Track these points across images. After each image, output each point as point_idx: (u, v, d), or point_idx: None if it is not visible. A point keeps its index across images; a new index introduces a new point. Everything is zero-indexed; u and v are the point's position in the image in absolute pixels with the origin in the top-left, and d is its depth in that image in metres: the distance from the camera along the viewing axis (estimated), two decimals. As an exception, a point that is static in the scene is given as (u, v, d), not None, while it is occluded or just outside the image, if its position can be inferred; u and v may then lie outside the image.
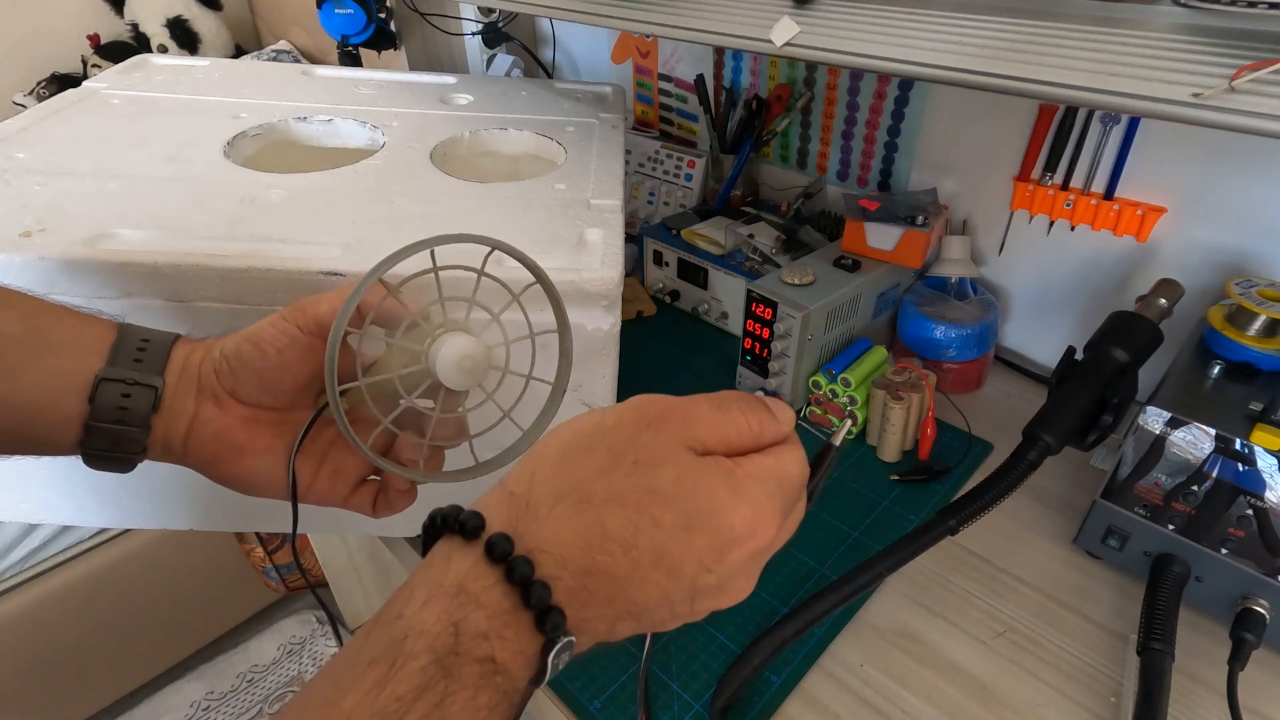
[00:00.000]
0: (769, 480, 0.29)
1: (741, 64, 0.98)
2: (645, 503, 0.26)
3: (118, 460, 0.36)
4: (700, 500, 0.27)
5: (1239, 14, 0.32)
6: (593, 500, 0.26)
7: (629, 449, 0.27)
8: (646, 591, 0.26)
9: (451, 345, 0.35)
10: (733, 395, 0.30)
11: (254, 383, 0.36)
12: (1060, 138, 0.73)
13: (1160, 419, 0.53)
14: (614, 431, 0.28)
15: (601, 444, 0.28)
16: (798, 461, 0.30)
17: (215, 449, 0.37)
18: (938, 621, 0.57)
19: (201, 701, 1.41)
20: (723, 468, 0.28)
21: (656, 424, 0.28)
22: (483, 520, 0.26)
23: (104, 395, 0.34)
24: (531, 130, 0.70)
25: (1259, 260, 0.66)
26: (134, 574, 1.30)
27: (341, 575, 1.48)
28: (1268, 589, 0.51)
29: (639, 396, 0.29)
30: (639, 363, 0.85)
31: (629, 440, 0.28)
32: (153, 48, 1.52)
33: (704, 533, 0.27)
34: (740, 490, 0.28)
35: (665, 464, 0.27)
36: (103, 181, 0.54)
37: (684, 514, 0.26)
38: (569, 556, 0.25)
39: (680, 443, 0.28)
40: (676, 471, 0.27)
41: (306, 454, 0.39)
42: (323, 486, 0.39)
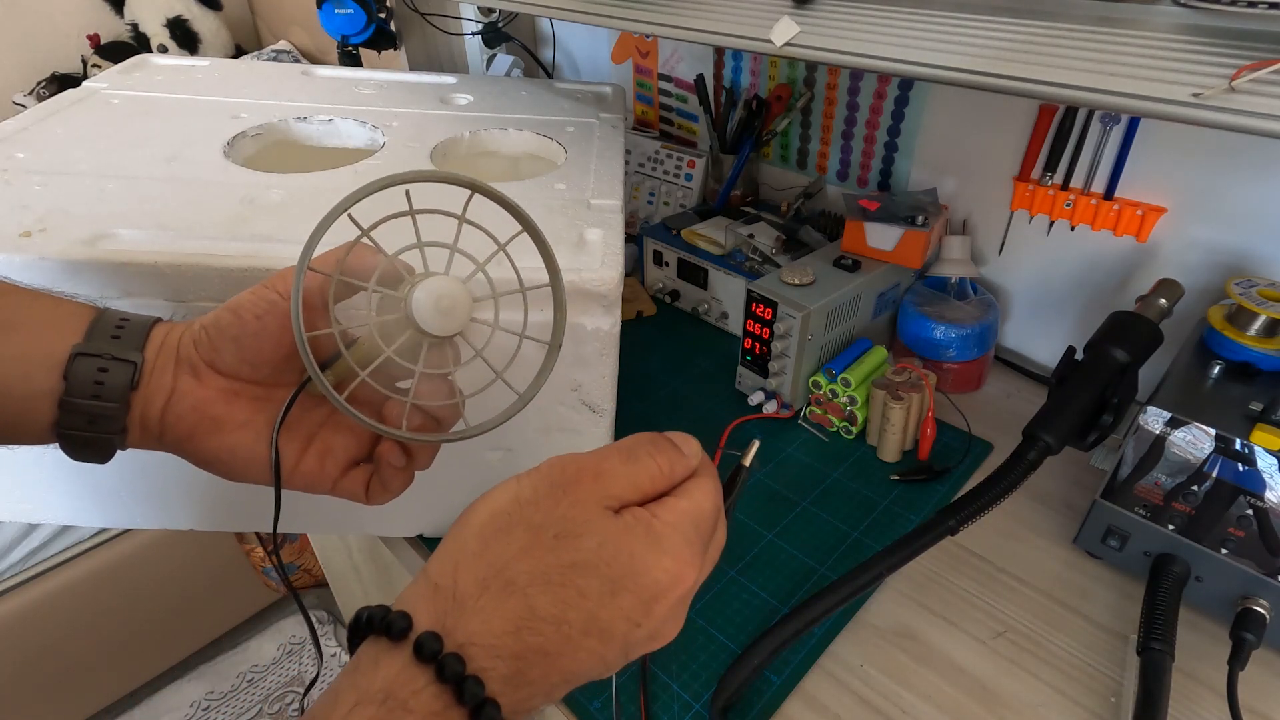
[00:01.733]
0: (685, 524, 0.29)
1: (741, 64, 0.98)
2: (570, 576, 0.27)
3: (95, 445, 0.34)
4: (623, 562, 0.27)
5: (1239, 14, 0.32)
6: (518, 583, 0.26)
7: (548, 523, 0.27)
8: (580, 659, 0.27)
9: (428, 285, 0.33)
10: (640, 440, 0.31)
11: (232, 351, 0.34)
12: (1060, 138, 0.73)
13: (1160, 419, 0.53)
14: (531, 505, 0.28)
15: (520, 521, 0.28)
16: (710, 495, 0.31)
17: (192, 423, 0.35)
18: (938, 621, 0.57)
19: (201, 701, 1.41)
20: (641, 523, 0.28)
21: (571, 489, 0.28)
22: (409, 620, 0.25)
23: (79, 370, 0.33)
24: (531, 130, 0.70)
25: (1259, 260, 0.66)
26: (134, 574, 1.30)
27: (341, 575, 1.48)
28: (1268, 589, 0.51)
29: (551, 461, 0.30)
30: (639, 363, 0.85)
31: (547, 513, 0.28)
32: (153, 48, 1.52)
33: (630, 593, 0.27)
34: (660, 543, 0.28)
35: (585, 533, 0.27)
36: (103, 181, 0.54)
37: (608, 579, 0.27)
38: (501, 644, 0.25)
39: (596, 505, 0.28)
40: (597, 539, 0.27)
41: (292, 433, 0.37)
42: (310, 468, 0.37)
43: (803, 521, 0.65)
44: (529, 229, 0.37)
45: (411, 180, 0.33)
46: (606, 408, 0.54)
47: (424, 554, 0.63)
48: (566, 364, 0.51)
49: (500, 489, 0.29)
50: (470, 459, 0.56)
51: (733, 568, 0.61)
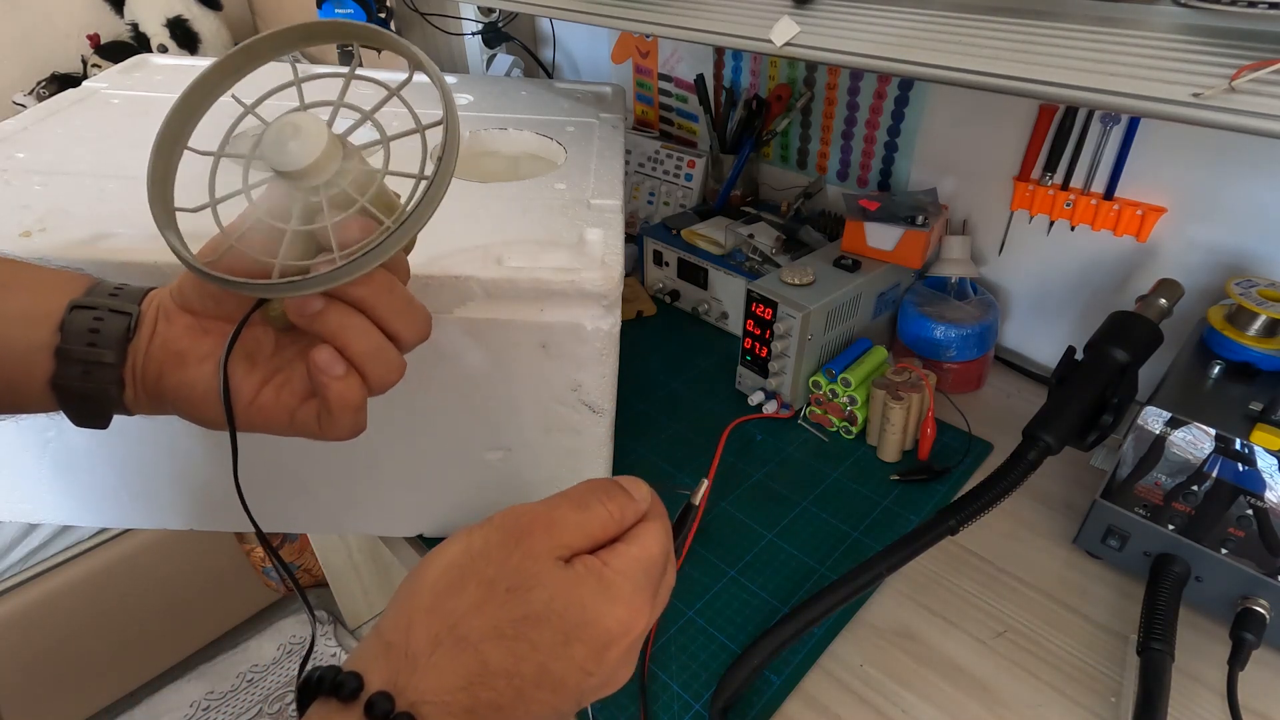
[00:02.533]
0: (636, 571, 0.30)
1: (741, 64, 0.98)
2: (522, 629, 0.27)
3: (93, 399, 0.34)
4: (574, 613, 0.28)
5: (1239, 14, 0.32)
6: (470, 638, 0.26)
7: (500, 576, 0.28)
8: (533, 711, 0.27)
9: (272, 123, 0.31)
10: (591, 488, 0.31)
11: (193, 288, 0.35)
12: (1060, 138, 0.73)
13: (1160, 419, 0.53)
14: (483, 558, 0.28)
15: (473, 576, 0.28)
16: (659, 539, 0.31)
17: (160, 360, 0.35)
18: (938, 621, 0.57)
19: (201, 701, 1.41)
20: (592, 573, 0.29)
21: (524, 541, 0.28)
22: (361, 680, 0.25)
23: (74, 320, 0.33)
24: (531, 130, 0.70)
25: (1259, 260, 0.66)
26: (134, 574, 1.30)
27: (341, 575, 1.49)
28: (1268, 589, 0.51)
29: (504, 512, 0.30)
30: (639, 363, 0.85)
31: (499, 565, 0.28)
32: (153, 48, 1.52)
33: (582, 642, 0.28)
34: (610, 590, 0.29)
35: (537, 585, 0.28)
36: (103, 181, 0.54)
37: (560, 631, 0.27)
38: (453, 700, 0.25)
39: (548, 556, 0.28)
40: (549, 592, 0.28)
41: (252, 366, 0.35)
42: (267, 400, 0.35)
43: (803, 521, 0.65)
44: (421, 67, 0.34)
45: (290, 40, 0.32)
46: (606, 408, 0.54)
47: (424, 554, 0.63)
48: (567, 364, 0.51)
49: (452, 541, 0.29)
50: (470, 459, 0.56)
51: (733, 568, 0.61)
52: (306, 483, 0.58)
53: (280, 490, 0.58)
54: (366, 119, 0.34)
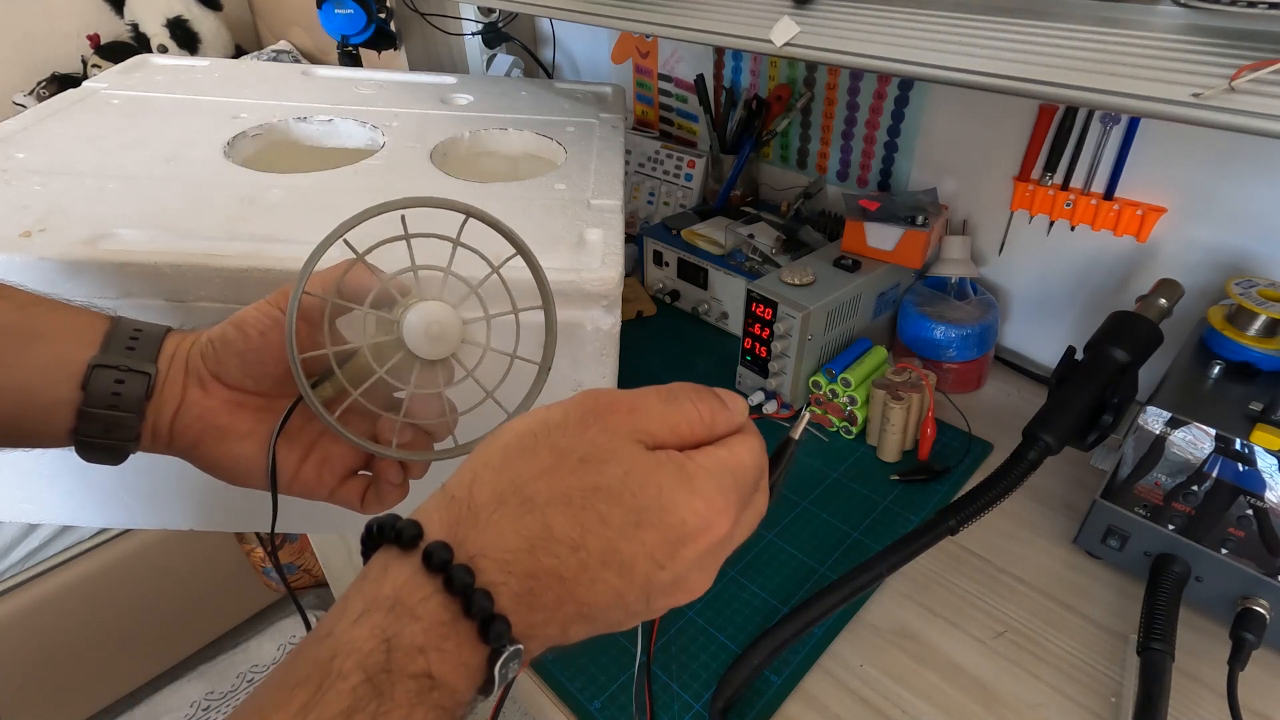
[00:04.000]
0: (723, 472, 0.28)
1: (741, 64, 0.98)
2: (592, 501, 0.25)
3: (110, 449, 0.36)
4: (650, 495, 0.26)
5: (1239, 14, 0.32)
6: (536, 501, 0.25)
7: (574, 446, 0.26)
8: (597, 592, 0.26)
9: (420, 310, 0.35)
10: (683, 386, 0.29)
11: (237, 365, 0.36)
12: (1060, 138, 0.73)
13: (1160, 419, 0.53)
14: (559, 429, 0.27)
15: (546, 442, 0.27)
16: (752, 451, 0.29)
17: (198, 431, 0.36)
18: (938, 621, 0.57)
19: (201, 701, 1.41)
20: (674, 461, 0.27)
21: (603, 417, 0.27)
22: (420, 528, 0.25)
23: (97, 381, 0.34)
24: (531, 130, 0.70)
25: (1259, 260, 0.66)
26: (134, 574, 1.30)
27: (341, 575, 1.48)
28: (1268, 589, 0.51)
29: (586, 391, 0.29)
30: (639, 363, 0.85)
31: (574, 437, 0.27)
32: (153, 48, 1.52)
33: (655, 528, 0.26)
34: (692, 483, 0.27)
35: (612, 460, 0.26)
36: (103, 181, 0.54)
37: (633, 510, 0.26)
38: (513, 560, 0.25)
39: (628, 436, 0.27)
40: (624, 467, 0.26)
41: (292, 442, 0.38)
42: (308, 476, 0.38)
43: (803, 521, 0.65)
44: (522, 253, 0.38)
45: (408, 206, 0.34)
46: (606, 408, 0.54)
47: (424, 554, 0.63)
48: (566, 364, 0.51)
49: (531, 414, 0.28)
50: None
51: (733, 568, 0.61)
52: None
53: (280, 490, 0.58)
54: (474, 292, 0.37)
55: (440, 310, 0.35)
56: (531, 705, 0.57)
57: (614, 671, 0.53)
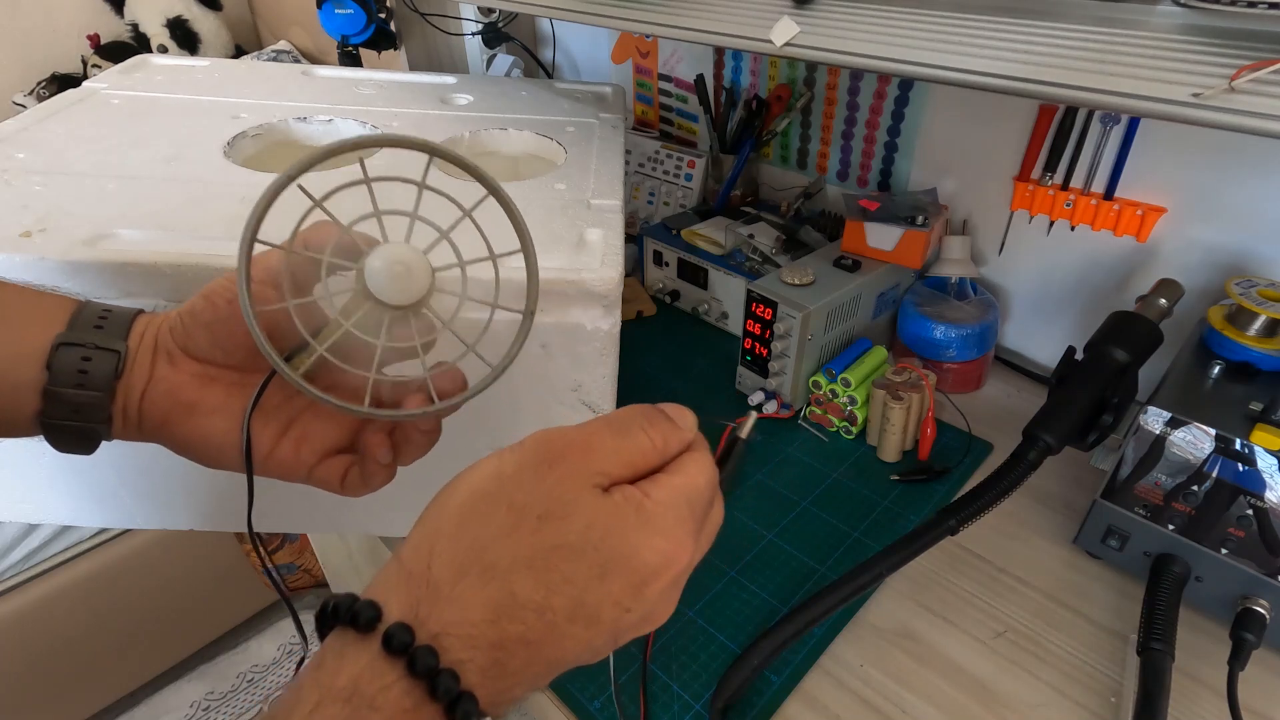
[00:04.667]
0: (679, 503, 0.28)
1: (741, 64, 0.98)
2: (555, 561, 0.25)
3: (80, 434, 0.34)
4: (612, 544, 0.26)
5: (1239, 14, 0.32)
6: (498, 568, 0.25)
7: (532, 501, 0.26)
8: (565, 647, 0.26)
9: (381, 252, 0.32)
10: (632, 413, 0.29)
11: (205, 337, 0.34)
12: (1060, 138, 0.73)
13: (1160, 419, 0.53)
14: (514, 482, 0.26)
15: (502, 500, 0.26)
16: (705, 470, 0.30)
17: (166, 408, 0.34)
18: (938, 621, 0.57)
19: (201, 701, 1.41)
20: (631, 503, 0.27)
21: (558, 464, 0.27)
22: (378, 609, 0.24)
23: (62, 359, 0.33)
24: (531, 130, 0.70)
25: (1259, 260, 0.66)
26: (134, 574, 1.30)
27: (341, 575, 1.48)
28: (1268, 589, 0.51)
29: (537, 434, 0.28)
30: (639, 363, 0.85)
31: (531, 490, 0.26)
32: (153, 48, 1.52)
33: (619, 576, 0.26)
34: (651, 523, 0.27)
35: (572, 513, 0.26)
36: (103, 181, 0.54)
37: (596, 563, 0.25)
38: (478, 634, 0.24)
39: (585, 482, 0.26)
40: (585, 520, 0.26)
41: (268, 418, 0.36)
42: (285, 454, 0.36)
43: (803, 521, 0.65)
44: (495, 193, 0.35)
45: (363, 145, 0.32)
46: (606, 408, 0.54)
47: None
48: (566, 364, 0.51)
49: (482, 464, 0.27)
50: (470, 459, 0.56)
51: (733, 568, 0.61)
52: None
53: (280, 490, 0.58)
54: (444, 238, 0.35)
55: (403, 250, 0.33)
56: (531, 705, 0.57)
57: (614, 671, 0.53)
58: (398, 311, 0.33)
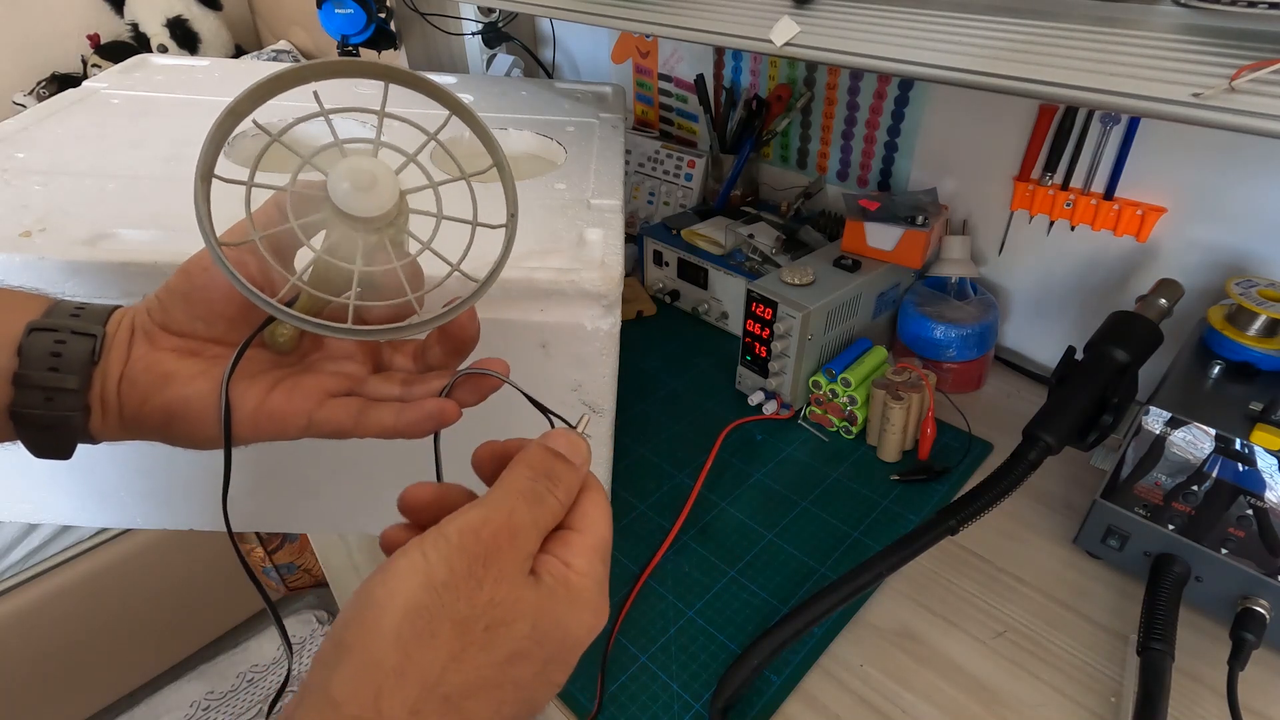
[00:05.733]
0: (597, 566, 0.27)
1: (741, 64, 0.98)
2: (507, 671, 0.24)
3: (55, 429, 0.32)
4: (552, 635, 0.26)
5: (1239, 14, 0.32)
6: (453, 698, 0.23)
7: (475, 614, 0.24)
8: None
9: (344, 163, 0.31)
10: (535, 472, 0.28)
11: (183, 310, 0.33)
12: (1060, 138, 0.73)
13: (1160, 419, 0.53)
14: (451, 593, 0.24)
15: (443, 618, 0.24)
16: (607, 516, 0.29)
17: (145, 385, 0.32)
18: (938, 621, 0.57)
19: (201, 701, 1.41)
20: (560, 584, 0.26)
21: (491, 563, 0.25)
22: None
23: (34, 343, 0.31)
24: (531, 130, 0.70)
25: (1259, 260, 0.66)
26: (134, 574, 1.30)
27: (341, 575, 1.48)
28: (1268, 589, 0.51)
29: (456, 526, 0.26)
30: (639, 363, 0.85)
31: (472, 600, 0.24)
32: (153, 48, 1.52)
33: (559, 662, 0.26)
34: (579, 598, 0.26)
35: (515, 618, 0.25)
36: (103, 181, 0.54)
37: (540, 659, 0.25)
38: None
39: (518, 573, 0.26)
40: (528, 621, 0.25)
41: (254, 379, 0.33)
42: (277, 404, 0.33)
43: (803, 521, 0.65)
44: (458, 112, 0.34)
45: (316, 76, 0.30)
46: (606, 408, 0.54)
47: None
48: (566, 364, 0.51)
49: (405, 570, 0.24)
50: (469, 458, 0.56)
51: (733, 568, 0.61)
52: (306, 483, 0.58)
53: (280, 490, 0.58)
54: (411, 161, 0.33)
55: (365, 159, 0.31)
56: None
57: (614, 672, 0.53)
58: (373, 235, 0.32)
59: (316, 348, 0.36)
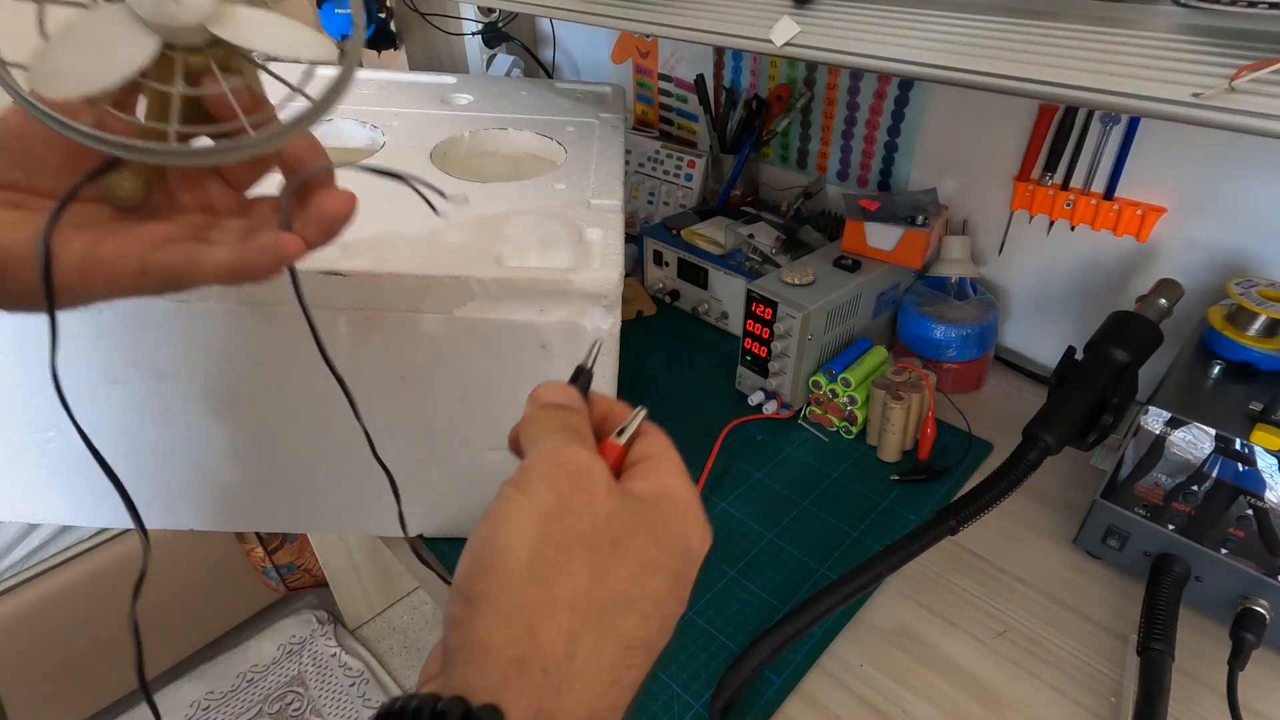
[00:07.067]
0: (689, 483, 0.27)
1: (741, 64, 0.98)
2: (644, 583, 0.24)
3: None
4: (676, 545, 0.25)
5: (1239, 14, 0.32)
6: (604, 617, 0.23)
7: (597, 530, 0.24)
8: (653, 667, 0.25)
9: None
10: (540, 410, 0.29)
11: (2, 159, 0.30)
12: (1060, 138, 0.73)
13: (1160, 419, 0.53)
14: (567, 516, 0.24)
15: (571, 543, 0.23)
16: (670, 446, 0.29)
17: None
18: (938, 621, 0.57)
19: (201, 701, 1.41)
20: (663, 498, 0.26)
21: (586, 480, 0.25)
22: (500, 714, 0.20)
23: None
24: (531, 130, 0.70)
25: (1259, 260, 0.66)
26: (134, 574, 1.30)
27: (341, 575, 1.48)
28: (1268, 589, 0.51)
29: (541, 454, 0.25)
30: (639, 363, 0.85)
31: (588, 518, 0.24)
32: (153, 48, 1.52)
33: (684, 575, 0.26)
34: (688, 511, 0.26)
35: (635, 530, 0.25)
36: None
37: (670, 569, 0.25)
38: (601, 705, 0.22)
39: (612, 485, 0.25)
40: (649, 533, 0.25)
41: (83, 228, 0.30)
42: (108, 252, 0.29)
43: (803, 521, 0.65)
44: None
45: None
46: (606, 408, 0.54)
47: (424, 554, 0.63)
48: (566, 364, 0.51)
49: (513, 511, 0.24)
50: (471, 459, 0.56)
51: (733, 568, 0.61)
52: (307, 483, 0.58)
53: (280, 490, 0.58)
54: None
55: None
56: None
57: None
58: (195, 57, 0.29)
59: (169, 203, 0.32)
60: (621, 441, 0.29)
